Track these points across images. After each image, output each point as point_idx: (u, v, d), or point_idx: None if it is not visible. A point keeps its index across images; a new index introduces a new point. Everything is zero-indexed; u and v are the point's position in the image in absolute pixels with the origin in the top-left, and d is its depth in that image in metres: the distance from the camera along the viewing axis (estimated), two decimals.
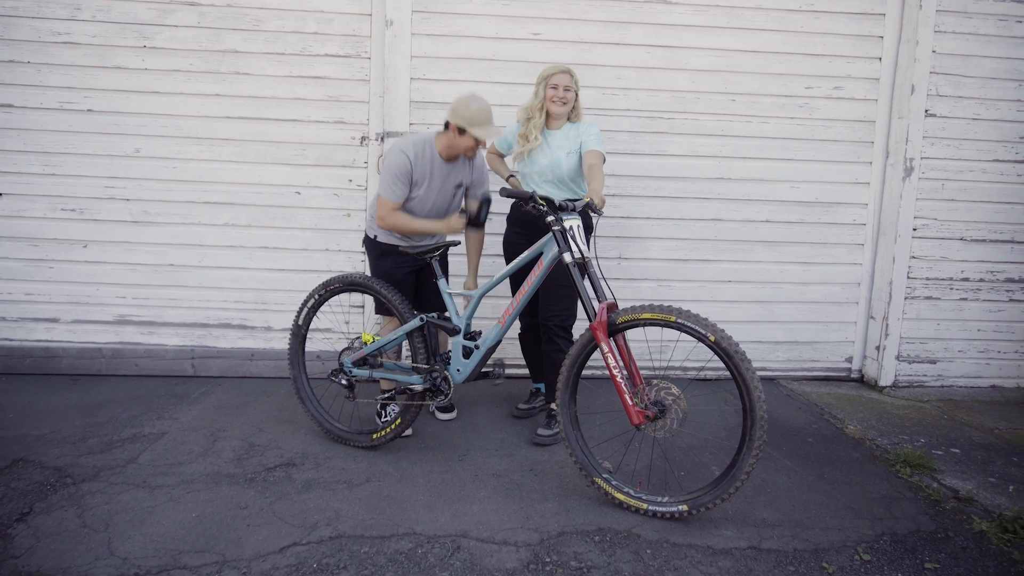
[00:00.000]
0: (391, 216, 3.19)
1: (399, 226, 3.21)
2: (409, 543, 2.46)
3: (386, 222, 3.21)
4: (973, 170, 4.45)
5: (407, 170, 3.15)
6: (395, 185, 3.15)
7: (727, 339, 2.49)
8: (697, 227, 4.49)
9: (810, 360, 4.69)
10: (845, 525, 2.69)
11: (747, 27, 4.34)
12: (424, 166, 3.20)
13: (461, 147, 3.17)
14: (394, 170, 3.15)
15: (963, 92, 4.37)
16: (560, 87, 3.30)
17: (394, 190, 3.16)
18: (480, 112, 3.08)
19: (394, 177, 3.15)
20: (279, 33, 4.18)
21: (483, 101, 3.11)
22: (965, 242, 4.52)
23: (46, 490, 2.77)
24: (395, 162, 3.15)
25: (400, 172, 3.14)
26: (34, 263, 4.23)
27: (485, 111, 3.10)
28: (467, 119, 3.08)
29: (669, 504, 2.64)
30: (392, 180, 3.15)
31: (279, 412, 3.74)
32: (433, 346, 3.21)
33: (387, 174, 3.18)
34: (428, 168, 3.21)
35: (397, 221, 3.20)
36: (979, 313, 4.60)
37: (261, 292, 4.36)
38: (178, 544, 2.41)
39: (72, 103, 4.13)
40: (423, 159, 3.19)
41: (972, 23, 4.31)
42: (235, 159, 4.25)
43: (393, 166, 3.15)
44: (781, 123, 4.44)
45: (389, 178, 3.16)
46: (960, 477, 3.16)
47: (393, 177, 3.15)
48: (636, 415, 2.62)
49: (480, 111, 3.08)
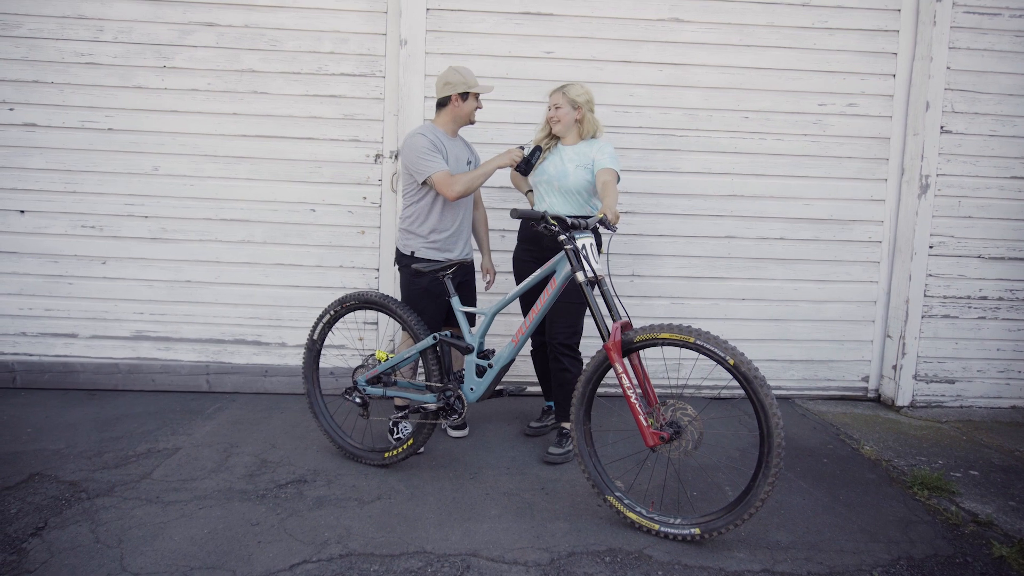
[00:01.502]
0: (451, 183, 3.20)
1: (468, 185, 3.22)
2: (419, 561, 2.45)
3: (454, 190, 3.20)
4: (990, 187, 4.41)
5: (431, 142, 3.26)
6: (433, 159, 3.23)
7: (746, 363, 2.46)
8: (711, 244, 4.48)
9: (825, 379, 4.64)
10: (860, 548, 2.65)
11: (759, 44, 4.34)
12: (440, 142, 3.31)
13: (466, 112, 3.38)
14: (421, 149, 3.24)
15: (979, 108, 4.34)
16: (551, 106, 3.39)
17: (434, 163, 3.23)
18: (471, 74, 3.34)
19: (427, 153, 3.23)
20: (295, 53, 4.24)
21: (465, 67, 3.39)
22: (983, 260, 4.47)
23: (61, 505, 2.79)
24: (417, 144, 3.26)
25: (428, 146, 3.24)
26: (54, 279, 4.30)
27: (472, 73, 3.36)
28: (466, 84, 3.30)
29: (681, 526, 2.61)
30: (428, 156, 3.23)
31: (292, 428, 3.76)
32: (447, 364, 3.21)
33: (418, 156, 3.24)
34: (443, 144, 3.33)
35: (463, 181, 3.22)
36: (998, 332, 4.53)
37: (275, 308, 4.40)
38: (189, 560, 2.42)
39: (93, 122, 4.22)
40: (436, 137, 3.32)
41: (987, 39, 4.29)
42: (251, 177, 4.31)
43: (418, 147, 3.25)
44: (794, 140, 4.43)
45: (425, 157, 3.23)
46: (979, 500, 3.11)
47: (426, 154, 3.23)
48: (651, 436, 2.60)
49: (470, 73, 3.34)
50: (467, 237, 3.57)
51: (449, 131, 3.43)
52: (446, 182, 3.21)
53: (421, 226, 3.39)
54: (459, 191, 3.22)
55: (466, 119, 3.43)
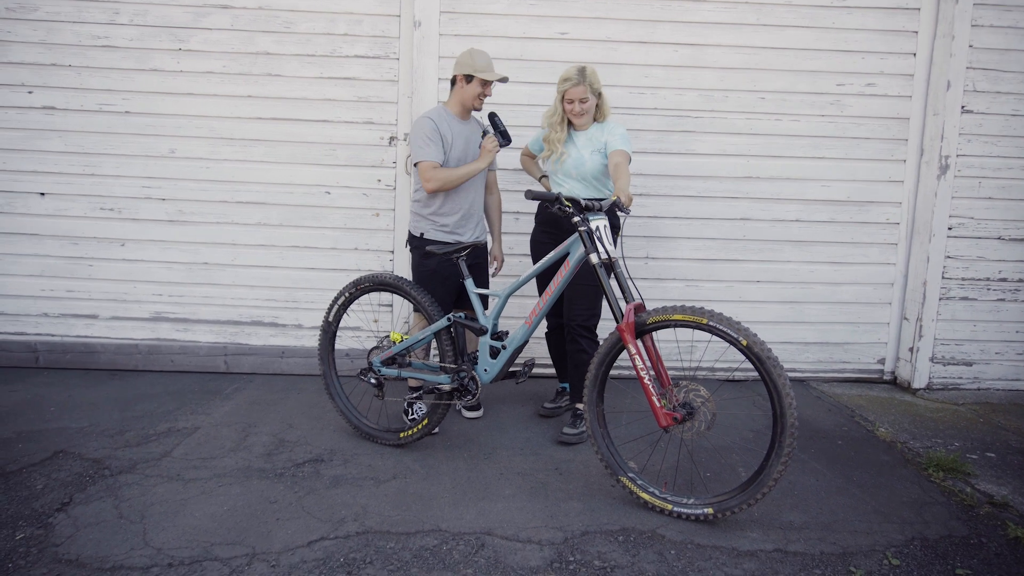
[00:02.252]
0: (434, 175, 3.27)
1: (446, 180, 3.29)
2: (434, 539, 2.49)
3: (433, 183, 3.28)
4: (1012, 167, 4.35)
5: (434, 128, 3.29)
6: (428, 146, 3.27)
7: (759, 343, 2.46)
8: (725, 227, 4.45)
9: (841, 361, 4.62)
10: (874, 529, 2.66)
11: (776, 24, 4.29)
12: (447, 127, 3.34)
13: (470, 95, 3.36)
14: (423, 133, 3.29)
15: (1001, 88, 4.27)
16: (576, 101, 3.31)
17: (428, 151, 3.27)
18: (482, 59, 3.32)
19: (425, 139, 3.28)
20: (309, 35, 4.24)
21: (484, 52, 3.37)
22: (1003, 241, 4.41)
23: (85, 481, 2.86)
24: (421, 127, 3.31)
25: (429, 132, 3.28)
26: (74, 261, 4.36)
27: (486, 58, 3.33)
28: (471, 66, 3.30)
29: (695, 506, 2.63)
30: (424, 143, 3.28)
31: (309, 409, 3.81)
32: (461, 346, 3.23)
33: (417, 140, 3.31)
34: (450, 129, 3.35)
35: (443, 176, 3.29)
36: (1018, 314, 4.49)
37: (292, 290, 4.43)
38: (210, 536, 2.47)
39: (111, 105, 4.25)
40: (444, 121, 3.35)
41: (1012, 16, 4.20)
42: (267, 159, 4.33)
43: (420, 131, 3.30)
44: (811, 121, 4.38)
45: (421, 142, 3.29)
46: (995, 482, 3.10)
47: (424, 139, 3.28)
48: (664, 417, 2.61)
49: (482, 58, 3.32)
50: (478, 220, 3.58)
51: (458, 113, 3.44)
52: (426, 174, 3.27)
53: (426, 208, 3.46)
54: (435, 186, 3.29)
55: (470, 103, 3.40)
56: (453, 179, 3.31)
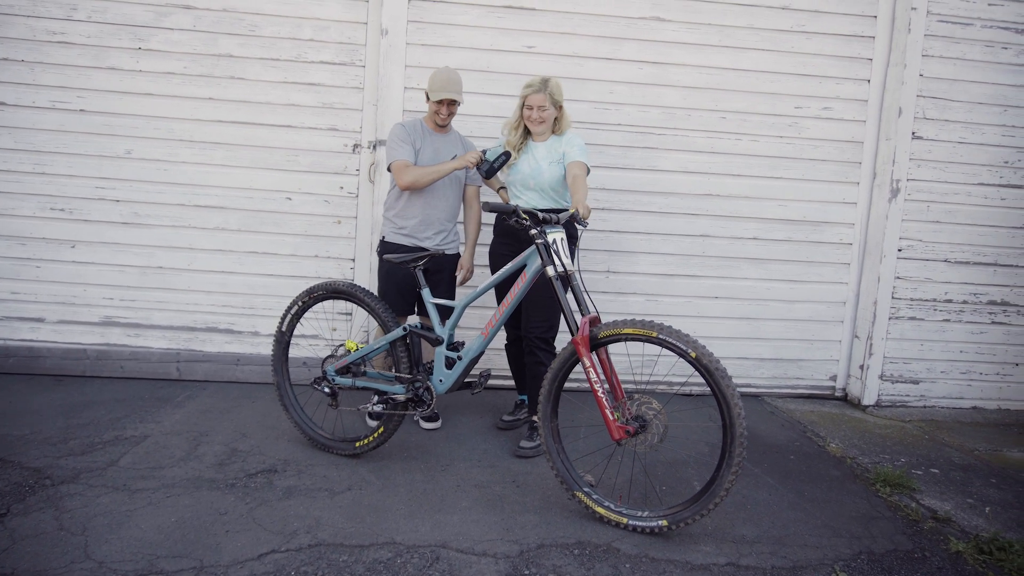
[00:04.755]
0: (406, 172, 3.40)
1: (418, 178, 3.39)
2: (389, 552, 2.46)
3: (405, 180, 3.40)
4: (958, 193, 4.51)
5: (405, 133, 3.47)
6: (400, 147, 3.44)
7: (708, 356, 2.51)
8: (685, 243, 4.52)
9: (795, 377, 4.72)
10: (823, 543, 2.71)
11: (738, 46, 4.39)
12: (417, 135, 3.51)
13: (430, 112, 3.52)
14: (395, 137, 3.48)
15: (949, 116, 4.44)
16: (535, 107, 3.34)
17: (400, 152, 3.43)
18: (437, 79, 3.44)
19: (397, 142, 3.46)
20: (274, 39, 4.19)
21: (450, 72, 3.47)
22: (949, 264, 4.57)
23: (24, 491, 2.75)
24: (393, 132, 3.51)
25: (400, 135, 3.46)
26: (21, 262, 4.22)
27: (441, 79, 3.43)
28: (429, 86, 3.46)
29: (649, 519, 2.65)
30: (396, 145, 3.45)
31: (263, 418, 3.73)
32: (416, 356, 3.21)
33: (390, 144, 3.50)
34: (421, 138, 3.51)
35: (414, 173, 3.40)
36: (962, 335, 4.64)
37: (249, 297, 4.35)
38: (156, 549, 2.40)
39: (65, 102, 4.13)
40: (416, 130, 3.53)
41: (959, 48, 4.38)
42: (227, 163, 4.26)
43: (393, 136, 3.50)
44: (770, 142, 4.49)
45: (393, 145, 3.47)
46: (939, 498, 3.19)
47: (396, 142, 3.46)
48: (617, 430, 2.63)
49: (437, 79, 3.44)
50: (440, 229, 3.60)
51: (432, 127, 3.57)
52: (399, 171, 3.41)
53: (390, 211, 3.61)
54: (407, 182, 3.39)
55: (436, 119, 3.52)
56: (424, 175, 3.40)
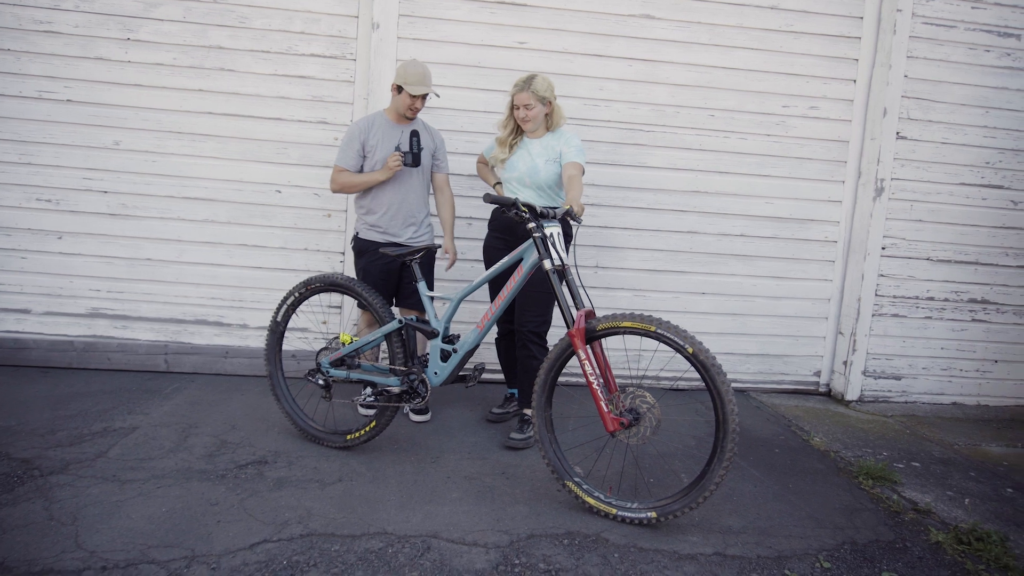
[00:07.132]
0: (337, 177, 3.53)
1: (346, 185, 3.52)
2: (380, 542, 2.47)
3: (335, 184, 3.54)
4: (940, 192, 4.59)
5: (356, 134, 3.49)
6: (344, 150, 3.51)
7: (704, 352, 2.55)
8: (673, 239, 4.57)
9: (780, 373, 4.78)
10: (808, 534, 2.76)
11: (727, 44, 4.43)
12: (375, 132, 3.51)
13: (403, 105, 3.48)
14: (345, 139, 3.53)
15: (933, 116, 4.51)
16: (521, 107, 3.37)
17: (343, 156, 3.51)
18: (415, 74, 3.41)
19: (345, 143, 3.52)
20: (265, 31, 4.18)
21: (421, 66, 3.44)
22: (931, 262, 4.65)
23: (12, 482, 2.74)
24: (347, 133, 3.54)
25: (348, 138, 3.51)
26: (6, 253, 4.18)
27: (418, 73, 3.42)
28: (403, 78, 3.43)
29: (638, 510, 2.69)
30: (343, 147, 3.52)
31: (253, 410, 3.73)
32: (411, 348, 3.23)
33: (340, 145, 3.56)
34: (378, 133, 3.51)
35: (343, 180, 3.52)
36: (943, 332, 4.73)
37: (238, 289, 4.34)
38: (147, 538, 2.40)
39: (52, 92, 4.10)
40: (374, 127, 3.53)
41: (943, 50, 4.45)
42: (216, 155, 4.24)
43: (345, 136, 3.54)
44: (758, 140, 4.54)
45: (341, 146, 3.54)
46: (920, 490, 3.26)
47: (344, 144, 3.52)
48: (611, 422, 2.66)
49: (414, 73, 3.41)
50: (411, 222, 3.61)
51: (394, 119, 3.57)
52: (333, 176, 3.54)
53: (360, 209, 3.64)
54: (335, 188, 3.57)
55: (403, 111, 3.51)
56: (352, 184, 3.51)
